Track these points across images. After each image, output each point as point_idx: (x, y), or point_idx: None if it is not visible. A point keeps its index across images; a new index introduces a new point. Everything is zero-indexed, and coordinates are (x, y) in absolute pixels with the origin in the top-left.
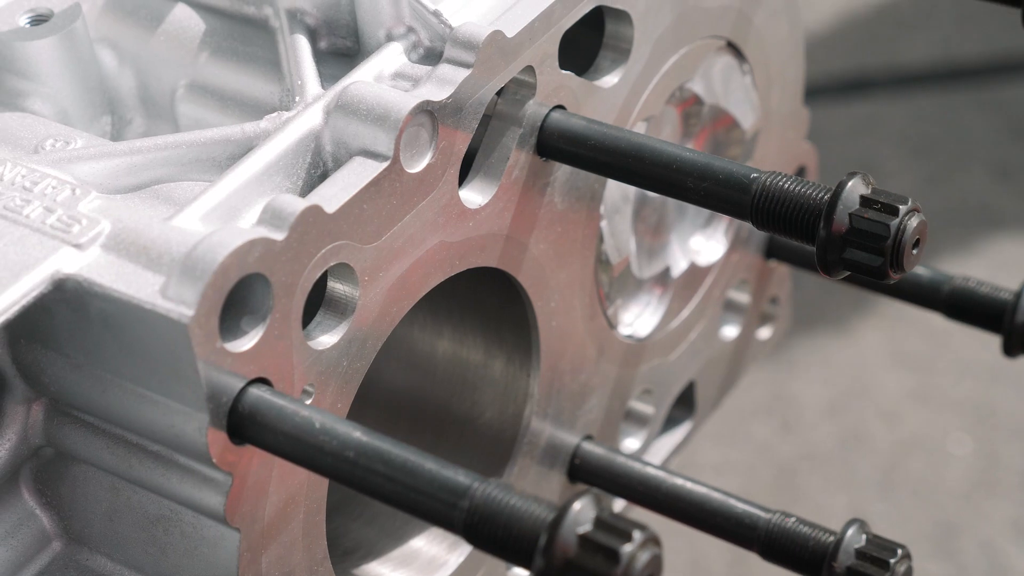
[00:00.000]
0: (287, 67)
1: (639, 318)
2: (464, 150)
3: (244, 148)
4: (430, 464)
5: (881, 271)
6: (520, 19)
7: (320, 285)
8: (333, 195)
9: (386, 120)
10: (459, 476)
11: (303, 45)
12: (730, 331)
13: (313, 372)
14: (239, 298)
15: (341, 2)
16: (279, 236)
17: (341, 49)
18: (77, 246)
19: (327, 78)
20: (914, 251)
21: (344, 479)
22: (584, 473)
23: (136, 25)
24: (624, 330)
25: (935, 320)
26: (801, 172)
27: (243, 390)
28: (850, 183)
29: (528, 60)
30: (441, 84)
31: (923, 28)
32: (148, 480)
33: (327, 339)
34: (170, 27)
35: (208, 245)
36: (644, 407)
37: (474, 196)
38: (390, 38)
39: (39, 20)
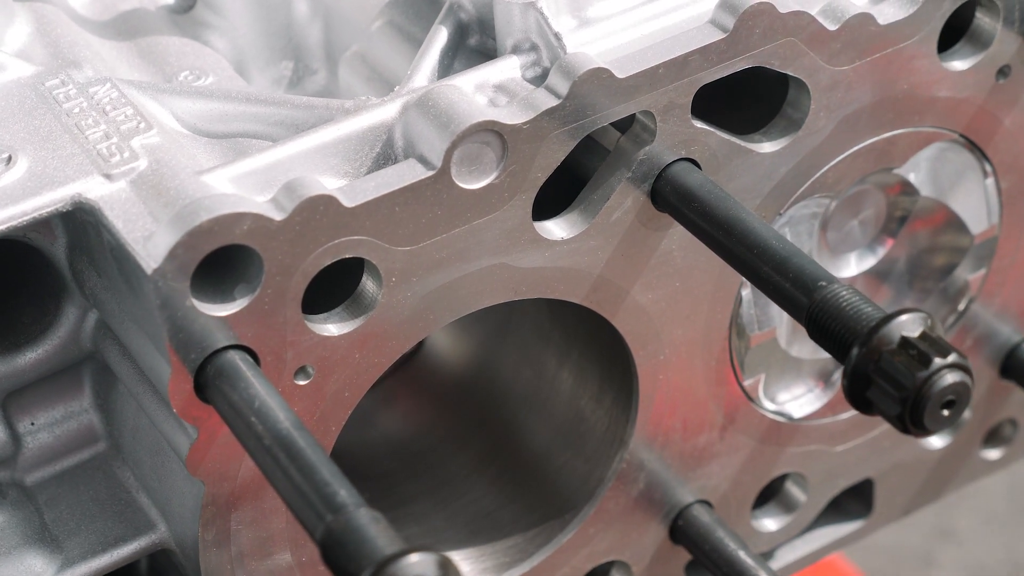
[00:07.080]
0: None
1: (796, 399)
2: (543, 178)
3: (323, 121)
4: (324, 474)
5: (900, 422)
6: (644, 62)
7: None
8: (363, 190)
9: (445, 129)
10: (340, 494)
11: (440, 36)
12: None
13: (314, 355)
14: (238, 265)
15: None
16: (278, 216)
17: (489, 50)
18: (107, 176)
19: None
20: (944, 411)
21: (257, 461)
22: (682, 536)
23: None
24: (769, 405)
25: None
26: None
27: (217, 352)
28: (899, 319)
29: (647, 105)
30: (525, 108)
31: None
32: (149, 411)
33: (335, 328)
34: None
35: (197, 206)
36: (794, 491)
37: (557, 228)
38: (516, 50)
39: None
